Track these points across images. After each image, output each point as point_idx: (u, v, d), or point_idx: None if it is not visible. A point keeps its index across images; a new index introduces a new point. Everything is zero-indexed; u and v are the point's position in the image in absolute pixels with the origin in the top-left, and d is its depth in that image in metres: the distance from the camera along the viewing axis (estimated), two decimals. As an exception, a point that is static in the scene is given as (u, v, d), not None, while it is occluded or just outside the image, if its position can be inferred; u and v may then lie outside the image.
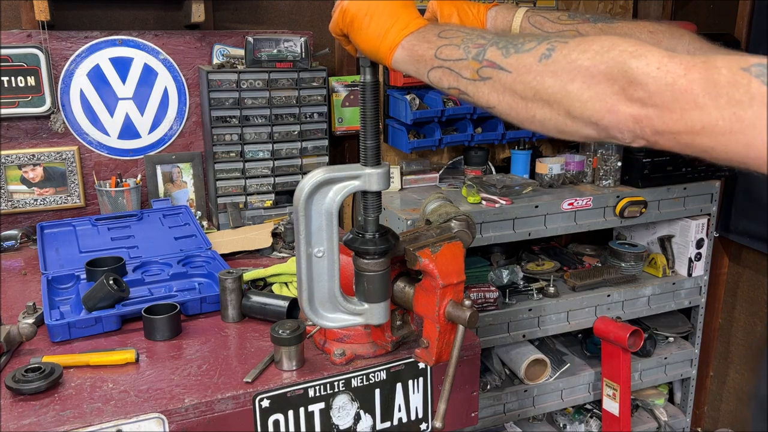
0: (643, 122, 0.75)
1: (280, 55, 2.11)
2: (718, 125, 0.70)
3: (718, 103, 0.69)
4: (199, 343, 1.37)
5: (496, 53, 0.86)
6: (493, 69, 0.86)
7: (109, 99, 2.15)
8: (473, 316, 1.09)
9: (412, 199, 2.37)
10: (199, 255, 1.76)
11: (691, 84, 0.71)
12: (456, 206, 1.31)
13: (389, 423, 1.32)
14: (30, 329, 1.31)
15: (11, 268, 1.83)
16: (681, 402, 2.93)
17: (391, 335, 1.28)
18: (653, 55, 0.74)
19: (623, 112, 0.76)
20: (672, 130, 0.74)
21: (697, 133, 0.72)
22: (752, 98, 0.67)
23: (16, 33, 2.02)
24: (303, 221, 1.05)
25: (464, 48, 0.89)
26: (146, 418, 1.12)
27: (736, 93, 0.68)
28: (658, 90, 0.73)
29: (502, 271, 2.41)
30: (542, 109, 0.84)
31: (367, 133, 1.07)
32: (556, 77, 0.81)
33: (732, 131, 0.69)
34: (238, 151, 2.12)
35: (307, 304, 1.11)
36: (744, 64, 0.68)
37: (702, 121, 0.70)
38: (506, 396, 2.44)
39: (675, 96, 0.72)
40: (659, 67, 0.73)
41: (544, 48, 0.83)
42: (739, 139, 0.69)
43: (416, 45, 0.94)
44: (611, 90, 0.77)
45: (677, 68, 0.72)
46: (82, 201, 2.15)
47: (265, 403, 1.20)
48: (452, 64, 0.90)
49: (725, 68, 0.69)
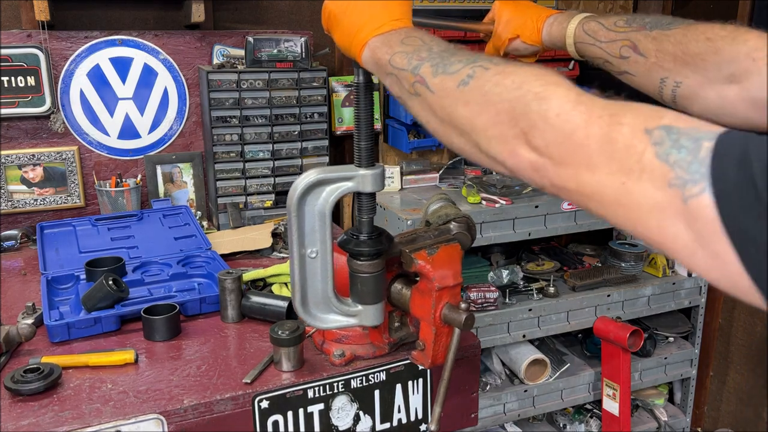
0: (541, 172, 0.69)
1: (280, 55, 2.11)
2: (606, 194, 0.62)
3: (610, 168, 0.61)
4: (199, 344, 1.37)
5: (428, 70, 0.82)
6: (422, 86, 0.82)
7: (109, 99, 2.15)
8: (469, 319, 1.08)
9: (412, 199, 2.37)
10: (198, 255, 1.76)
11: (588, 139, 0.62)
12: (457, 208, 1.30)
13: (389, 424, 1.32)
14: (29, 329, 1.31)
15: (11, 268, 1.83)
16: (681, 402, 2.92)
17: (388, 337, 1.27)
18: (557, 99, 0.66)
19: (524, 157, 0.70)
20: (566, 187, 0.66)
21: (588, 196, 0.64)
22: (642, 170, 0.58)
23: (16, 33, 2.02)
24: (296, 222, 1.05)
25: (409, 59, 0.85)
26: (145, 418, 1.12)
27: (629, 160, 0.59)
28: (554, 140, 0.66)
29: (502, 271, 2.41)
30: (457, 137, 0.79)
31: (362, 133, 1.06)
32: (468, 108, 0.75)
33: (619, 203, 0.61)
34: (238, 151, 2.11)
35: (300, 304, 1.11)
36: (651, 124, 0.59)
37: (592, 184, 0.63)
38: (506, 396, 2.44)
39: (570, 150, 0.64)
40: (559, 114, 0.65)
41: (465, 73, 0.77)
42: (626, 215, 0.61)
43: (378, 48, 0.90)
44: (513, 132, 0.70)
45: (578, 118, 0.64)
46: (82, 201, 2.15)
47: (265, 404, 1.20)
48: (398, 72, 0.86)
49: (628, 126, 0.60)
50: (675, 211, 0.56)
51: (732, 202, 0.53)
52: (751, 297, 0.55)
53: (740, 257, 0.53)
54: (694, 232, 0.56)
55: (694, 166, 0.55)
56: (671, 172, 0.56)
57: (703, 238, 0.55)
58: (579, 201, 0.66)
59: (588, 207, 0.65)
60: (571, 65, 2.60)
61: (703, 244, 0.55)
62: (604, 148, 0.61)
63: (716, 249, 0.54)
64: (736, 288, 0.55)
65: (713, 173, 0.54)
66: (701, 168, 0.55)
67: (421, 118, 0.86)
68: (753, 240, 0.52)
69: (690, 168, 0.55)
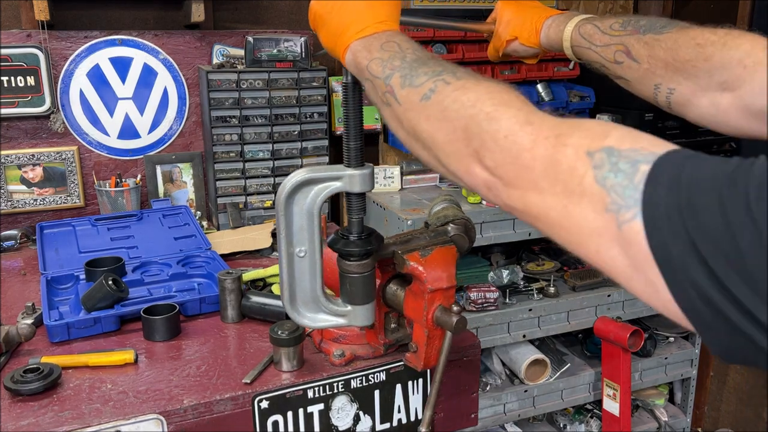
0: (493, 191, 0.69)
1: (280, 54, 2.11)
2: (550, 215, 0.62)
3: (554, 190, 0.60)
4: (199, 344, 1.37)
5: (398, 81, 0.81)
6: (391, 97, 0.81)
7: (109, 99, 2.14)
8: (460, 323, 1.07)
9: (412, 199, 2.37)
10: (198, 255, 1.76)
11: (534, 161, 0.62)
12: (459, 210, 1.28)
13: (389, 424, 1.31)
14: (29, 329, 1.31)
15: (11, 268, 1.83)
16: (681, 402, 2.92)
17: (384, 337, 1.27)
18: (506, 121, 0.66)
19: (478, 176, 0.70)
20: (515, 207, 0.66)
21: (535, 217, 0.64)
22: (582, 194, 0.58)
23: (16, 33, 2.01)
24: (283, 221, 1.05)
25: (383, 67, 0.84)
26: (145, 418, 1.12)
27: (572, 183, 0.59)
28: (503, 161, 0.65)
29: (502, 271, 2.41)
30: (422, 150, 0.79)
31: (350, 133, 1.06)
32: (429, 123, 0.75)
33: (561, 226, 0.61)
34: (237, 151, 2.11)
35: (288, 302, 1.11)
36: (594, 146, 0.58)
37: (538, 205, 0.63)
38: (506, 396, 2.44)
39: (518, 171, 0.64)
40: (507, 136, 0.65)
41: (428, 87, 0.76)
42: (568, 237, 0.61)
43: (359, 52, 0.89)
44: (467, 150, 0.70)
45: (525, 140, 0.64)
46: (82, 201, 2.14)
47: (264, 404, 1.20)
48: (374, 80, 0.85)
49: (572, 148, 0.60)
50: (611, 236, 0.56)
51: (660, 229, 0.52)
52: (686, 324, 0.54)
53: (668, 286, 0.53)
54: (629, 258, 0.55)
55: (629, 191, 0.55)
56: (608, 197, 0.56)
57: (637, 264, 0.55)
58: (528, 221, 0.66)
59: (537, 227, 0.65)
60: (571, 65, 2.60)
61: (638, 270, 0.55)
62: (549, 171, 0.61)
63: (648, 276, 0.54)
64: (671, 314, 0.55)
65: (644, 199, 0.53)
66: (635, 193, 0.54)
67: (391, 128, 0.85)
68: (680, 269, 0.52)
69: (625, 193, 0.55)
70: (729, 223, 0.49)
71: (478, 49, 2.46)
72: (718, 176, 0.51)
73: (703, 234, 0.50)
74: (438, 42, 2.47)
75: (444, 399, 1.36)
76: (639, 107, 2.48)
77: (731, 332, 0.50)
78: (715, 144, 2.61)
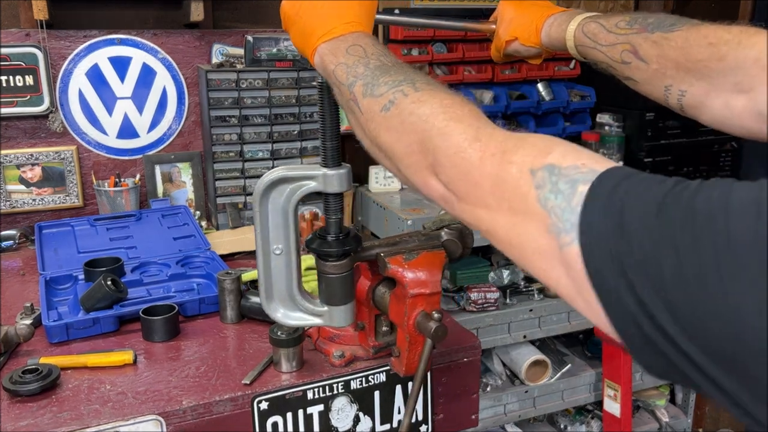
0: (449, 204, 0.70)
1: (280, 54, 2.10)
2: (499, 232, 0.63)
3: (501, 207, 0.61)
4: (198, 345, 1.37)
5: (360, 90, 0.80)
6: (354, 105, 0.81)
7: (108, 98, 2.14)
8: (438, 330, 1.04)
9: (412, 199, 2.36)
10: (197, 255, 1.75)
11: (482, 178, 0.63)
12: None
13: (389, 425, 1.31)
14: (27, 330, 1.30)
15: (9, 268, 1.82)
16: (682, 402, 2.92)
17: (374, 340, 1.25)
18: (456, 137, 0.66)
19: (435, 188, 0.71)
20: (468, 221, 0.68)
21: (486, 232, 0.65)
22: (526, 213, 0.58)
23: (15, 32, 2.01)
24: (259, 217, 1.05)
25: (347, 73, 0.83)
26: (144, 419, 1.11)
27: (516, 201, 0.60)
28: (454, 176, 0.66)
29: (502, 271, 2.41)
30: (384, 160, 0.80)
31: (326, 133, 1.05)
32: (389, 134, 0.75)
33: (511, 244, 0.62)
34: (237, 150, 2.11)
35: (264, 299, 1.10)
36: (537, 163, 0.59)
37: (487, 222, 0.64)
38: (507, 397, 2.43)
39: (467, 188, 0.65)
40: (457, 152, 0.66)
41: (388, 98, 0.76)
42: (517, 254, 0.62)
43: (326, 56, 0.87)
44: (424, 163, 0.71)
45: (473, 156, 0.64)
46: (81, 201, 2.14)
47: (264, 405, 1.19)
48: (339, 85, 0.85)
49: (516, 165, 0.60)
50: (553, 256, 0.57)
51: (595, 255, 0.53)
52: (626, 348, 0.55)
53: (604, 309, 0.53)
54: (571, 280, 0.56)
55: (567, 213, 0.55)
56: (549, 219, 0.56)
57: (578, 286, 0.55)
58: (483, 235, 0.67)
59: (491, 242, 0.66)
60: (572, 65, 2.60)
61: (579, 292, 0.56)
62: (495, 189, 0.62)
63: (587, 298, 0.55)
64: (610, 334, 0.55)
65: (581, 223, 0.54)
66: (572, 216, 0.54)
67: (357, 136, 0.85)
68: (614, 295, 0.52)
69: (563, 216, 0.55)
70: (655, 250, 0.49)
71: (478, 49, 2.45)
72: (650, 202, 0.51)
73: (632, 261, 0.50)
74: (438, 41, 2.46)
75: (444, 400, 1.35)
76: (640, 107, 2.47)
77: (657, 355, 0.51)
78: (716, 144, 2.60)
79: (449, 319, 1.50)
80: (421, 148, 0.70)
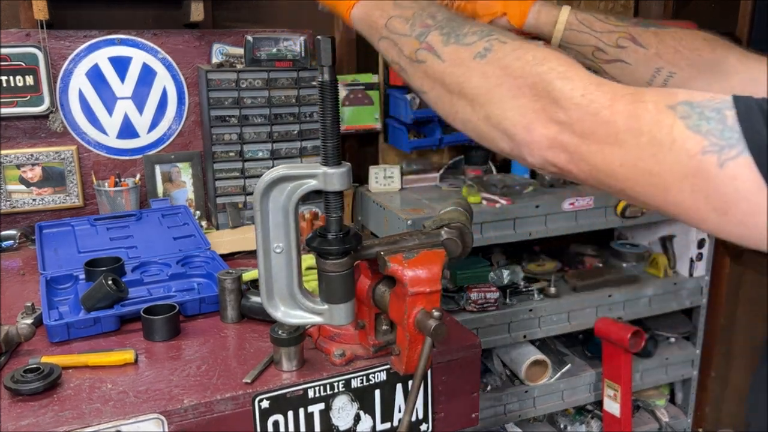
0: (558, 148, 0.72)
1: (280, 54, 2.10)
2: (637, 166, 0.66)
3: (638, 142, 0.65)
4: (198, 344, 1.37)
5: (437, 38, 0.82)
6: (429, 53, 0.83)
7: (108, 98, 2.14)
8: (438, 328, 1.04)
9: (412, 198, 2.36)
10: (198, 255, 1.75)
11: (614, 116, 0.67)
12: (464, 215, 1.25)
13: (389, 424, 1.31)
14: (28, 329, 1.30)
15: (10, 268, 1.82)
16: (682, 403, 2.92)
17: (374, 339, 1.26)
18: (580, 80, 0.70)
19: (539, 133, 0.73)
20: (589, 162, 0.70)
21: (614, 169, 0.68)
22: (673, 142, 0.63)
23: (15, 32, 2.01)
24: (260, 216, 1.06)
25: (411, 24, 0.85)
26: (145, 418, 1.11)
27: (659, 133, 0.64)
28: (579, 118, 0.69)
29: (502, 271, 2.41)
30: (465, 107, 0.81)
31: (327, 132, 1.05)
32: (485, 78, 0.77)
33: (651, 173, 0.65)
34: (237, 150, 2.11)
35: (265, 297, 1.11)
36: (671, 101, 0.64)
37: (621, 158, 0.67)
38: (507, 397, 2.43)
39: (596, 127, 0.68)
40: (584, 94, 0.69)
41: (482, 45, 0.79)
42: (656, 183, 0.65)
43: (371, 10, 0.90)
44: (533, 106, 0.73)
45: (603, 98, 0.68)
46: (81, 201, 2.14)
47: (265, 404, 1.19)
48: (397, 38, 0.86)
49: (652, 103, 0.65)
50: (706, 176, 0.62)
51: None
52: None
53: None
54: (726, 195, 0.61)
55: (726, 132, 0.61)
56: (704, 141, 0.61)
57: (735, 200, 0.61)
58: (601, 176, 0.70)
59: (609, 180, 0.69)
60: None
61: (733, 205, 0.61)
62: (631, 125, 0.65)
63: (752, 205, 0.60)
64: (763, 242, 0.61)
65: (746, 135, 0.60)
66: (734, 133, 0.60)
67: (419, 85, 0.86)
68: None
69: (723, 135, 0.61)
70: None
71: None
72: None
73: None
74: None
75: (444, 399, 1.36)
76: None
77: None
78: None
79: (449, 318, 1.51)
80: (534, 91, 0.73)
